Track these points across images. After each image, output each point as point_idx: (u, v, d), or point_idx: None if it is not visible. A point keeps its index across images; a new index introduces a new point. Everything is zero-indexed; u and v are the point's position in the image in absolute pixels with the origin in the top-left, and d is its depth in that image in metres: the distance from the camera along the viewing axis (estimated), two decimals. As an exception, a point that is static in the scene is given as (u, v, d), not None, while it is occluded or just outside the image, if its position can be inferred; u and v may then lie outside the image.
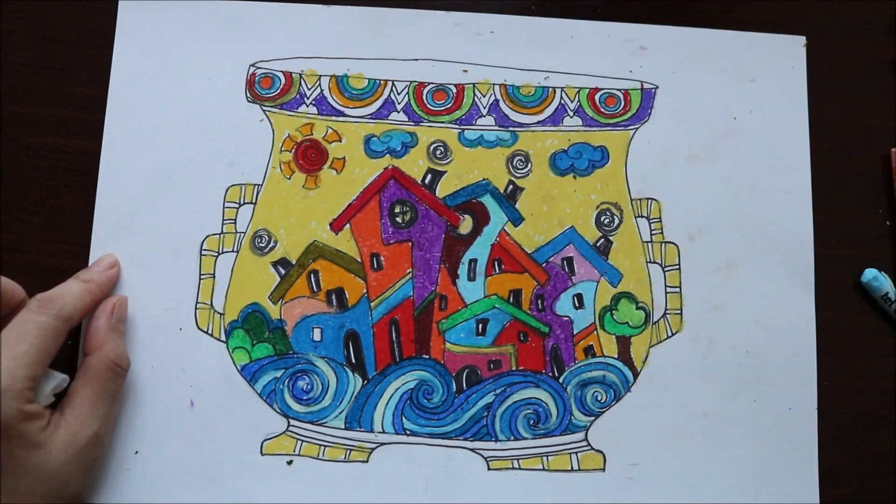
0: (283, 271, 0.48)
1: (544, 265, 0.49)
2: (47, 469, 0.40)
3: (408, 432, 0.47)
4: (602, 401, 0.48)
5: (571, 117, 0.49)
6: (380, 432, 0.47)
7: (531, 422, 0.47)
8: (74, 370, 0.45)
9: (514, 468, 0.47)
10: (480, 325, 0.48)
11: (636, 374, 0.48)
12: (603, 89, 0.50)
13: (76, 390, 0.43)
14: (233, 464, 0.46)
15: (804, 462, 0.47)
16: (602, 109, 0.50)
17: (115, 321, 0.46)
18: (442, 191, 0.49)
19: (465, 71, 0.50)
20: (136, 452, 0.46)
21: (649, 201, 0.49)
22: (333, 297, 0.48)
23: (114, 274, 0.47)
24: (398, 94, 0.49)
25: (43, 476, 0.40)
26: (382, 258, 0.48)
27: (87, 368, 0.44)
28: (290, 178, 0.49)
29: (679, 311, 0.49)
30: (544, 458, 0.47)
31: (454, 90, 0.50)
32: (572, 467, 0.47)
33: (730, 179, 0.50)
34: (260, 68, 0.50)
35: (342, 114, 0.49)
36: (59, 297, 0.43)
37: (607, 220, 0.49)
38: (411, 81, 0.49)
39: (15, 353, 0.40)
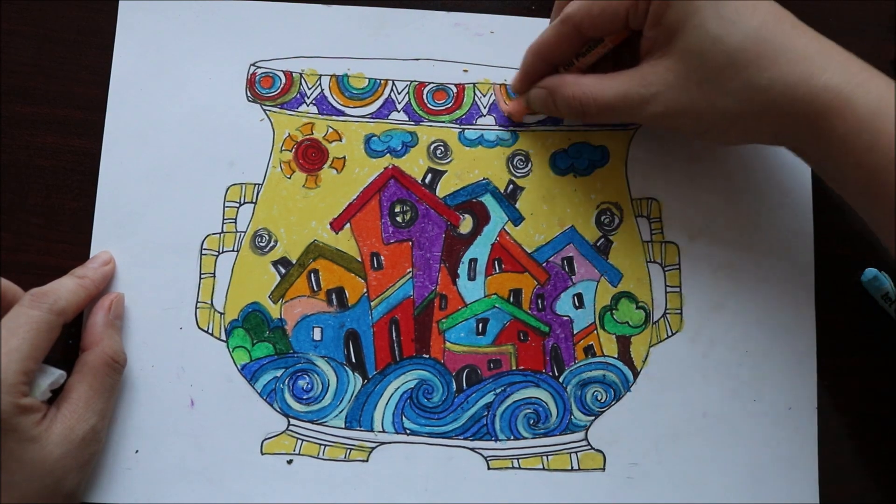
0: (283, 271, 0.48)
1: (544, 265, 0.49)
2: (43, 464, 0.40)
3: (408, 432, 0.47)
4: (602, 400, 0.48)
5: (571, 117, 0.50)
6: (380, 432, 0.47)
7: (531, 421, 0.47)
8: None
9: (513, 468, 0.47)
10: (480, 325, 0.48)
11: (636, 374, 0.48)
12: (603, 89, 0.50)
13: (73, 385, 0.43)
14: (233, 463, 0.46)
15: (804, 462, 0.47)
16: (602, 109, 0.50)
17: (113, 317, 0.46)
18: (442, 190, 0.49)
19: (466, 71, 0.50)
20: (137, 452, 0.46)
21: (649, 201, 0.49)
22: (333, 296, 0.48)
23: (109, 270, 0.47)
24: (398, 93, 0.49)
25: (39, 471, 0.40)
26: (382, 258, 0.48)
27: (84, 364, 0.44)
28: (290, 178, 0.49)
29: (679, 311, 0.49)
30: (544, 458, 0.47)
31: (454, 90, 0.50)
32: (572, 467, 0.47)
33: (730, 179, 0.50)
34: (260, 68, 0.50)
35: (342, 113, 0.49)
36: (52, 291, 0.43)
37: (607, 219, 0.49)
38: (412, 81, 0.50)
39: (7, 348, 0.40)
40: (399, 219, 0.49)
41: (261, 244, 0.48)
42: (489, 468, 0.47)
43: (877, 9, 0.52)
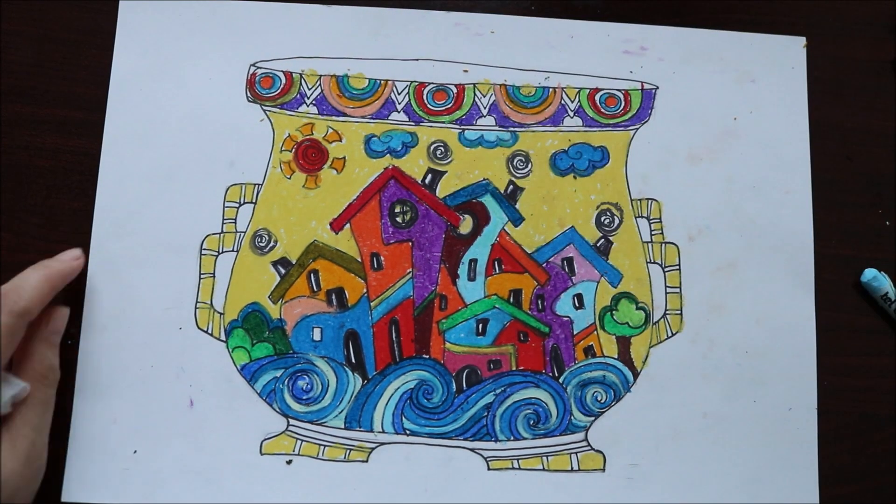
0: (283, 271, 0.48)
1: (544, 265, 0.49)
2: None
3: (408, 432, 0.47)
4: (602, 401, 0.48)
5: (572, 117, 0.49)
6: (379, 432, 0.47)
7: (531, 422, 0.47)
8: (73, 371, 0.46)
9: (514, 468, 0.47)
10: (480, 325, 0.48)
11: (636, 375, 0.48)
12: (603, 89, 0.50)
13: None
14: (232, 463, 0.46)
15: (804, 462, 0.47)
16: (602, 110, 0.50)
17: (49, 333, 0.44)
18: (442, 191, 0.49)
19: (466, 71, 0.50)
20: (136, 452, 0.46)
21: (649, 201, 0.49)
22: (333, 296, 0.48)
23: (77, 265, 0.46)
24: (398, 94, 0.49)
25: None
26: (382, 258, 0.48)
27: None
28: (290, 178, 0.49)
29: (679, 312, 0.49)
30: (544, 458, 0.47)
31: (454, 90, 0.50)
32: (572, 467, 0.47)
33: (730, 179, 0.50)
34: (260, 68, 0.50)
35: (342, 114, 0.49)
36: (14, 290, 0.42)
37: (607, 220, 0.49)
38: (412, 81, 0.50)
39: None
40: (399, 219, 0.49)
41: (260, 244, 0.48)
42: (489, 469, 0.47)
43: (877, 9, 0.53)
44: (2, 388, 0.41)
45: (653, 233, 0.49)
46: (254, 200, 0.49)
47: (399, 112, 0.49)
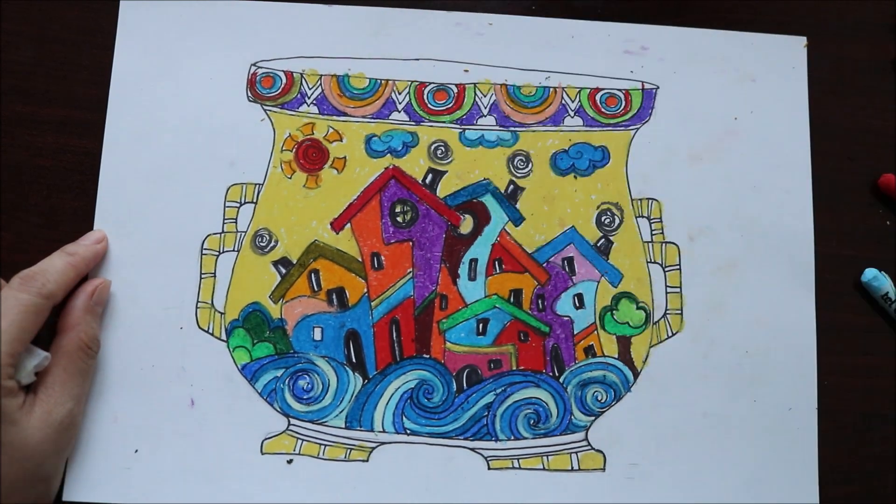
0: (283, 271, 0.48)
1: (545, 265, 0.49)
2: (23, 447, 0.40)
3: (408, 432, 0.47)
4: (602, 401, 0.48)
5: (572, 117, 0.50)
6: (380, 431, 0.47)
7: (531, 421, 0.47)
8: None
9: (514, 468, 0.47)
10: (481, 325, 0.48)
11: (636, 374, 0.48)
12: (604, 89, 0.50)
13: (48, 369, 0.43)
14: (233, 463, 0.46)
15: (804, 462, 0.47)
16: (603, 109, 0.50)
17: (94, 303, 0.46)
18: (443, 190, 0.49)
19: (467, 71, 0.50)
20: (136, 451, 0.46)
21: (650, 201, 0.49)
22: (334, 296, 0.48)
23: (101, 249, 0.47)
24: (399, 93, 0.49)
25: (18, 454, 0.40)
26: (383, 258, 0.48)
27: (58, 347, 0.44)
28: (290, 178, 0.49)
29: (679, 311, 0.49)
30: (544, 458, 0.47)
31: (455, 90, 0.50)
32: (572, 467, 0.47)
33: (730, 179, 0.50)
34: (261, 68, 0.50)
35: (343, 113, 0.49)
36: (41, 273, 0.43)
37: (608, 219, 0.49)
38: (412, 81, 0.50)
39: None
40: (399, 219, 0.49)
41: (261, 244, 0.48)
42: (489, 468, 0.47)
43: (877, 9, 0.53)
44: (25, 359, 0.42)
45: (653, 232, 0.49)
46: (254, 200, 0.49)
47: (399, 112, 0.49)
